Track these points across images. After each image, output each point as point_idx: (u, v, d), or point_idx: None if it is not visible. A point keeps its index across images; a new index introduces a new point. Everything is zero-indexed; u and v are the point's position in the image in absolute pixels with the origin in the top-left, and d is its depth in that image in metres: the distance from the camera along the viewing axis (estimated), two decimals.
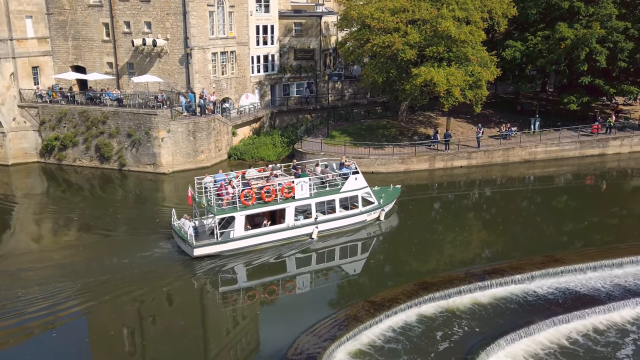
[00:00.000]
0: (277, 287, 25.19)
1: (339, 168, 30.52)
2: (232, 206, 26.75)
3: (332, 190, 29.32)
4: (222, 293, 24.48)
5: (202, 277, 25.13)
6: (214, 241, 26.59)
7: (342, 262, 27.48)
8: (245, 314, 22.83)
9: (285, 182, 27.92)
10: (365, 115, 50.52)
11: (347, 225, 29.78)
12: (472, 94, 40.45)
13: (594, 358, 19.80)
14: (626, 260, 25.80)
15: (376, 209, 30.70)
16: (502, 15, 42.74)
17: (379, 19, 40.00)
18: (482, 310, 22.52)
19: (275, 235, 27.81)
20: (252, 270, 26.07)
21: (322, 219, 28.99)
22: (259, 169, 30.23)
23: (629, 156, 44.68)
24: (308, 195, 28.31)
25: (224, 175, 28.46)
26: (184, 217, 27.69)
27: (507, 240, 29.71)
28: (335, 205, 29.43)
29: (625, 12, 44.51)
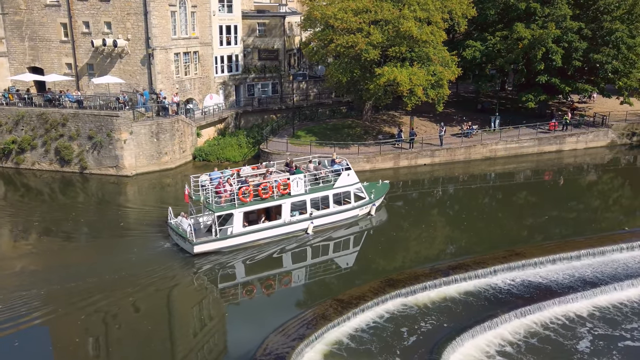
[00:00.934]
0: (245, 287, 25.16)
1: (331, 165, 31.30)
2: (231, 203, 27.15)
3: (326, 186, 30.03)
4: (190, 296, 24.27)
5: (167, 282, 24.85)
6: (213, 238, 26.93)
7: (323, 258, 27.61)
8: (213, 315, 22.72)
9: (282, 179, 28.54)
10: (331, 115, 50.82)
11: (341, 220, 30.60)
12: (434, 93, 41.18)
13: (554, 348, 20.51)
14: (583, 253, 26.77)
15: (367, 204, 31.56)
16: (462, 16, 43.68)
17: (342, 19, 40.31)
18: (447, 305, 23.03)
19: (272, 231, 28.39)
20: (231, 269, 25.99)
21: (316, 214, 29.67)
22: (253, 167, 30.70)
23: (585, 152, 46.31)
24: (303, 191, 29.02)
25: (219, 173, 28.80)
26: (181, 215, 27.76)
27: (471, 235, 30.42)
28: (329, 200, 30.15)
29: (579, 12, 46.08)
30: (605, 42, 44.35)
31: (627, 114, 49.52)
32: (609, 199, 37.38)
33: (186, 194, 27.67)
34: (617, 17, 44.49)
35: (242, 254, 27.34)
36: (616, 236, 28.97)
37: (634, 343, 20.66)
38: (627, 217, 33.27)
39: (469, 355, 20.09)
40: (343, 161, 31.50)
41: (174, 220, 27.98)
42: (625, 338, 20.97)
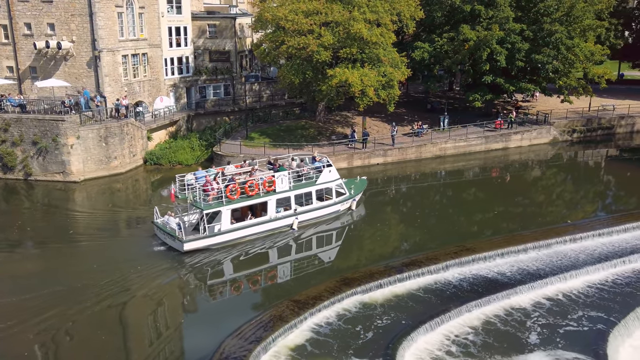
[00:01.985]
0: (202, 292, 24.94)
1: (312, 162, 32.24)
2: (218, 201, 27.68)
3: (309, 182, 31.00)
4: (145, 305, 23.81)
5: (114, 290, 24.26)
6: (202, 235, 27.43)
7: (294, 257, 27.69)
8: (169, 323, 22.38)
9: (267, 176, 29.28)
10: (284, 116, 50.89)
11: (324, 215, 31.69)
12: (385, 93, 41.90)
13: (504, 339, 21.28)
14: (529, 246, 27.87)
15: (348, 199, 32.76)
16: (410, 18, 44.63)
17: (293, 21, 40.45)
18: (401, 301, 23.54)
19: (259, 227, 29.16)
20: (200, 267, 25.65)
21: (300, 210, 30.56)
22: (236, 165, 31.23)
23: (529, 149, 48.18)
24: (287, 188, 29.91)
25: (204, 172, 29.33)
26: (168, 214, 28.37)
27: (424, 232, 31.18)
28: (312, 196, 31.11)
29: (521, 15, 47.90)
30: (546, 43, 46.26)
31: (567, 112, 51.83)
32: (552, 193, 39.05)
33: (172, 193, 28.12)
34: (556, 19, 46.49)
35: (219, 252, 27.49)
36: (560, 229, 30.32)
37: (578, 330, 21.67)
38: (569, 210, 34.89)
39: (424, 350, 20.62)
40: (323, 158, 32.49)
41: (160, 219, 28.37)
42: (571, 326, 21.98)
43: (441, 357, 20.25)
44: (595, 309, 22.96)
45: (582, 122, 51.79)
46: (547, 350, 20.40)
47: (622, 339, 21.18)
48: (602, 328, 21.62)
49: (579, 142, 50.44)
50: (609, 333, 21.17)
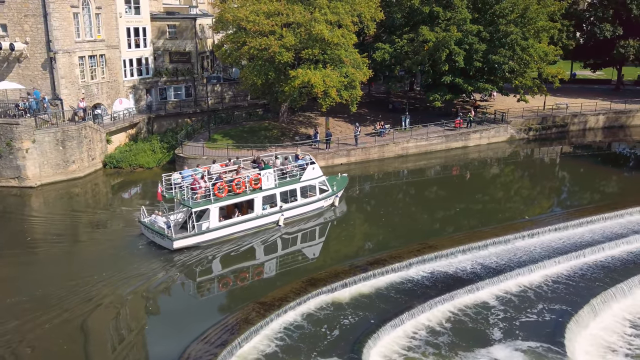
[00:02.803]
0: (164, 296, 24.60)
1: (295, 160, 33.14)
2: (206, 199, 28.19)
3: (293, 180, 31.79)
4: (106, 309, 23.32)
5: (75, 299, 23.68)
6: (192, 233, 27.89)
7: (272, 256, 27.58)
8: (132, 327, 22.00)
9: (253, 174, 29.90)
10: (247, 118, 50.65)
11: (308, 211, 32.51)
12: (347, 94, 42.23)
13: (467, 333, 21.78)
14: (489, 242, 28.57)
15: (331, 196, 33.67)
16: (371, 19, 45.10)
17: (254, 21, 40.33)
18: (367, 300, 23.81)
19: (246, 224, 29.78)
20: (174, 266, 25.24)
21: (286, 207, 31.31)
22: (222, 164, 31.65)
23: (488, 147, 49.41)
24: (273, 185, 30.64)
25: (190, 171, 29.77)
26: (155, 213, 28.79)
27: (388, 231, 31.58)
28: (297, 193, 31.88)
29: (478, 16, 49.08)
30: (502, 44, 47.54)
31: (523, 111, 53.41)
32: (510, 190, 40.18)
33: (159, 192, 28.57)
34: (511, 21, 47.82)
35: (200, 251, 27.65)
36: (518, 225, 31.21)
37: (537, 322, 22.38)
38: (527, 206, 35.97)
39: (389, 347, 20.91)
40: (306, 156, 33.46)
41: (147, 218, 28.69)
42: (530, 318, 22.66)
43: (407, 353, 20.58)
44: (553, 302, 23.75)
45: (537, 121, 53.44)
46: (508, 342, 21.00)
47: (579, 329, 21.98)
48: (559, 319, 22.38)
49: (535, 140, 52.01)
50: (566, 324, 21.92)
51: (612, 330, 22.26)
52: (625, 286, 24.70)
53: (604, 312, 23.26)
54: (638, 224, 31.12)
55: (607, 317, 23.07)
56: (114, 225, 32.04)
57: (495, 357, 20.26)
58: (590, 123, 55.34)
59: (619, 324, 22.66)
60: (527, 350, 20.54)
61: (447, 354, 20.42)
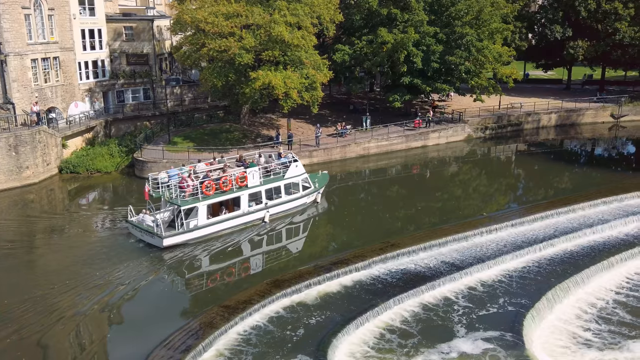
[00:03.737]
0: (123, 302, 24.17)
1: (277, 158, 33.97)
2: (194, 197, 28.77)
3: (277, 177, 32.60)
4: (66, 322, 22.73)
5: (30, 310, 23.10)
6: (181, 231, 28.38)
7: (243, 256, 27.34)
8: (94, 337, 21.50)
9: (239, 172, 30.66)
10: (208, 120, 50.20)
11: (293, 208, 33.37)
12: (308, 95, 42.43)
13: (430, 328, 22.23)
14: (449, 239, 29.21)
15: (314, 192, 34.60)
16: (330, 21, 45.48)
17: (213, 23, 40.05)
18: (331, 300, 24.00)
19: (234, 221, 30.45)
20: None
21: (271, 203, 32.07)
22: (206, 163, 32.29)
23: (446, 146, 50.48)
24: (258, 183, 31.45)
25: (177, 170, 30.24)
26: (142, 212, 29.19)
27: (351, 231, 31.91)
28: (281, 190, 32.61)
29: (435, 18, 50.08)
30: (458, 45, 48.68)
31: (480, 110, 54.81)
32: (469, 187, 41.18)
33: (146, 191, 29.06)
34: (467, 23, 49.03)
35: (165, 251, 27.70)
36: (476, 221, 32.03)
37: (497, 315, 23.02)
38: (485, 203, 36.96)
39: (354, 346, 21.14)
40: (289, 154, 34.44)
41: (135, 217, 29.15)
42: (490, 311, 23.30)
43: (371, 351, 20.88)
44: (512, 295, 24.50)
45: (493, 120, 54.93)
46: (470, 336, 21.56)
47: (536, 320, 22.76)
48: (518, 312, 23.11)
49: (491, 139, 53.43)
50: (525, 316, 22.67)
51: (567, 320, 23.15)
52: (579, 278, 25.71)
53: (559, 304, 24.15)
54: (589, 218, 32.41)
55: (562, 308, 23.95)
56: (72, 231, 31.25)
57: (458, 350, 20.78)
58: (543, 121, 57.23)
59: (573, 314, 23.57)
60: (488, 343, 21.13)
61: (412, 350, 20.81)
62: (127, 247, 28.59)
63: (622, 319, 23.07)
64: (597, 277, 26.17)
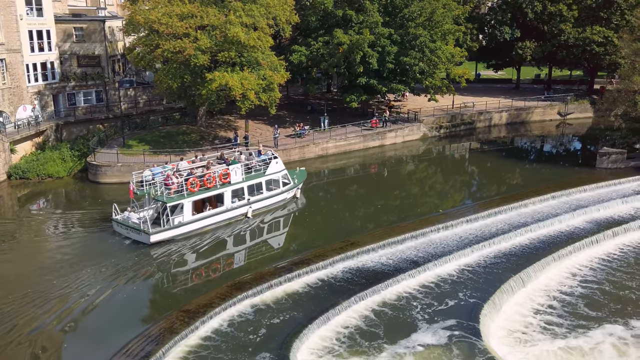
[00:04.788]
0: (80, 309, 23.59)
1: (257, 155, 34.95)
2: (180, 194, 29.47)
3: (258, 174, 33.56)
4: (18, 335, 21.98)
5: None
6: (167, 227, 29.09)
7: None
8: (49, 349, 20.88)
9: (222, 169, 31.48)
10: (164, 122, 49.39)
11: (274, 203, 34.40)
12: (266, 96, 42.36)
13: (391, 323, 22.66)
14: (407, 236, 29.79)
15: (293, 188, 35.76)
16: (286, 22, 45.53)
17: (167, 24, 39.47)
18: (293, 300, 24.12)
19: (218, 217, 31.33)
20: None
21: (253, 199, 33.01)
22: (189, 161, 33.06)
23: (403, 145, 51.38)
24: (241, 179, 32.37)
25: (159, 169, 30.92)
26: (127, 211, 29.82)
27: (312, 231, 32.12)
28: (262, 186, 33.57)
29: (389, 20, 50.88)
30: (412, 46, 49.62)
31: (434, 110, 56.02)
32: (425, 185, 42.09)
33: (131, 189, 29.46)
34: (420, 24, 50.02)
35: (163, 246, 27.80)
36: (433, 218, 32.80)
37: (455, 308, 23.67)
38: (441, 200, 37.87)
39: (317, 345, 21.33)
40: (269, 152, 35.51)
41: (120, 215, 29.62)
42: (448, 305, 23.93)
43: (334, 349, 21.11)
44: (469, 289, 25.24)
45: (447, 119, 56.26)
46: (429, 330, 22.10)
47: (491, 312, 23.53)
48: (475, 304, 23.83)
49: (446, 137, 54.71)
50: (481, 308, 23.41)
51: (522, 311, 24.05)
52: (532, 270, 26.73)
53: (514, 296, 25.05)
54: (540, 212, 33.69)
55: (517, 300, 24.87)
56: (24, 237, 30.21)
57: (419, 344, 21.28)
58: (495, 120, 59.01)
59: (528, 305, 24.50)
60: (447, 336, 21.74)
61: (373, 346, 21.17)
62: (84, 254, 27.86)
63: (575, 308, 24.15)
64: (549, 269, 27.31)
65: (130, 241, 29.11)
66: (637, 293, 25.37)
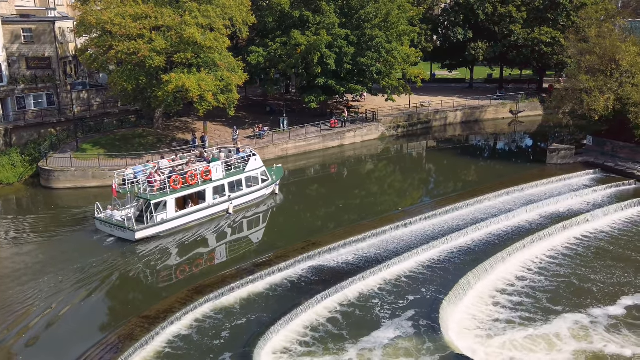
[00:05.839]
0: (43, 317, 22.87)
1: (236, 153, 35.87)
2: (163, 191, 30.18)
3: (238, 171, 34.43)
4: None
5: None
6: (152, 224, 29.68)
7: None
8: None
9: (204, 167, 32.33)
10: (119, 125, 48.25)
11: (254, 199, 35.33)
12: (224, 98, 42.03)
13: (355, 321, 22.93)
14: (368, 235, 30.20)
15: (271, 184, 36.68)
16: (243, 23, 45.34)
17: (120, 25, 38.69)
18: (255, 302, 24.09)
19: (200, 213, 32.15)
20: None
21: (234, 196, 33.85)
22: (169, 159, 33.92)
23: (362, 145, 51.95)
24: (222, 176, 33.20)
25: (141, 167, 31.69)
26: (109, 209, 30.24)
27: (273, 232, 32.18)
28: (242, 183, 34.50)
29: (345, 21, 51.32)
30: (369, 47, 50.20)
31: (391, 110, 56.86)
32: (384, 184, 42.69)
33: (114, 188, 30.02)
34: (376, 25, 50.65)
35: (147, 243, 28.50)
36: (392, 216, 33.32)
37: (416, 303, 24.16)
38: (400, 198, 38.53)
39: (281, 345, 21.37)
40: (247, 149, 36.60)
41: (103, 214, 30.01)
42: (410, 300, 24.41)
43: (299, 349, 21.21)
44: (428, 284, 25.80)
45: (404, 118, 57.19)
46: (391, 325, 22.52)
47: (451, 306, 24.12)
48: (435, 299, 24.37)
49: (404, 136, 55.61)
50: (441, 303, 23.97)
51: (478, 305, 24.75)
52: (488, 264, 27.52)
53: (472, 289, 25.73)
54: (495, 208, 34.71)
55: (475, 293, 25.56)
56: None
57: (381, 340, 21.62)
58: (450, 119, 60.35)
59: (486, 298, 25.22)
60: (408, 331, 22.17)
61: (337, 344, 21.38)
62: (37, 265, 27.02)
63: (534, 299, 25.01)
64: (506, 262, 28.16)
65: (113, 239, 29.60)
66: (590, 281, 26.51)
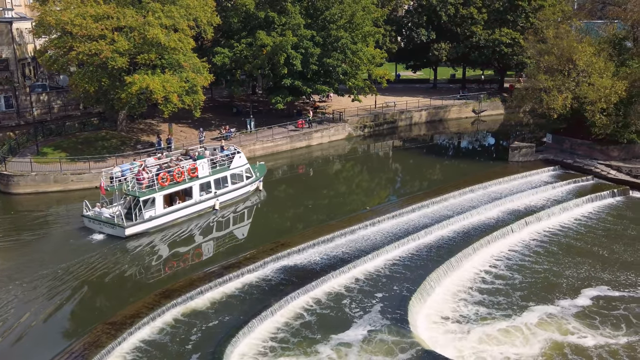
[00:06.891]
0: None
1: (220, 151, 36.59)
2: (151, 188, 30.79)
3: (223, 168, 35.25)
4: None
5: None
6: (141, 220, 30.25)
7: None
8: None
9: (191, 164, 33.14)
10: (81, 128, 47.16)
11: (239, 195, 36.21)
12: (189, 99, 41.58)
13: (325, 321, 23.01)
14: (337, 234, 30.34)
15: (255, 181, 37.63)
16: (208, 24, 44.94)
17: (80, 25, 37.88)
18: (225, 305, 23.93)
19: (188, 209, 32.88)
20: None
21: (219, 192, 34.60)
22: (155, 158, 34.65)
23: (329, 145, 52.16)
24: (208, 173, 34.04)
25: (128, 165, 32.27)
26: (97, 207, 30.75)
27: (240, 234, 32.00)
28: (228, 180, 35.32)
29: (311, 22, 51.43)
30: (334, 48, 50.45)
31: (358, 110, 57.29)
32: (352, 184, 43.01)
33: (102, 186, 30.62)
34: (341, 26, 50.92)
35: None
36: (361, 215, 33.57)
37: (384, 302, 24.40)
38: (367, 198, 38.88)
39: (252, 347, 21.32)
40: (231, 147, 37.55)
41: (91, 211, 30.51)
42: (379, 299, 24.67)
43: (267, 351, 21.18)
44: (397, 282, 26.10)
45: (370, 118, 57.69)
46: (361, 324, 22.73)
47: (419, 303, 24.51)
48: (403, 296, 24.70)
49: (370, 136, 56.09)
50: (409, 299, 24.32)
51: (445, 300, 25.22)
52: (455, 261, 28.06)
53: (439, 286, 26.18)
54: (460, 205, 35.35)
55: (443, 290, 26.02)
56: None
57: (352, 338, 21.81)
58: (415, 118, 61.14)
59: (453, 294, 25.71)
60: (377, 329, 22.42)
61: (308, 345, 21.45)
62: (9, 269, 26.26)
63: (501, 293, 25.64)
64: (472, 258, 28.78)
65: (103, 236, 29.97)
66: (554, 274, 27.33)
